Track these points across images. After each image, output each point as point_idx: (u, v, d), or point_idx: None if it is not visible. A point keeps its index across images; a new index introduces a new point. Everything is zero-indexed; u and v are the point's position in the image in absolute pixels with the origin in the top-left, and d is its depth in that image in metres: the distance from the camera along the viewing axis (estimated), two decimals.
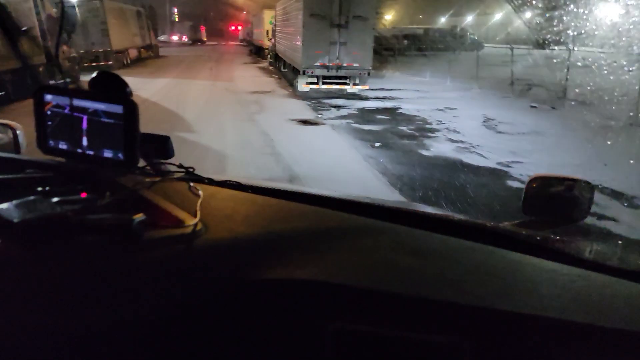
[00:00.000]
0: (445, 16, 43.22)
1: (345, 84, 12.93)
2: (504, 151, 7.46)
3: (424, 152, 7.48)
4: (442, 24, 42.91)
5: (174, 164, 1.08)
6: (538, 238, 1.02)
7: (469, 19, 40.05)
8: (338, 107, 11.38)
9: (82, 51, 20.01)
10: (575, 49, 13.67)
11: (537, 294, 0.74)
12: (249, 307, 0.70)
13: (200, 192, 0.92)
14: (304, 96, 13.12)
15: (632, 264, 0.94)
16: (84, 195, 0.81)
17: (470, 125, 9.41)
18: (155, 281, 0.68)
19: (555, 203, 1.15)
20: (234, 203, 0.99)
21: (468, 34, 34.87)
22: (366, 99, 12.73)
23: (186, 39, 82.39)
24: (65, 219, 0.70)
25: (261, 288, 0.71)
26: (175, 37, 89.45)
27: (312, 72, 12.64)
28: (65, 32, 15.43)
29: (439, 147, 7.79)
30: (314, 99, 12.37)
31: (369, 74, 12.81)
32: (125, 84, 0.95)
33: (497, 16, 36.26)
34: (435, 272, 0.80)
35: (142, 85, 14.63)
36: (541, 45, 17.43)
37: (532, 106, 11.61)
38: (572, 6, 12.17)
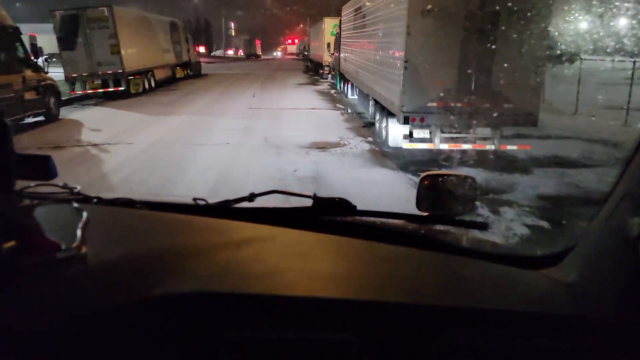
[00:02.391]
0: None
1: (488, 140, 6.76)
2: None
3: None
4: None
5: (57, 185, 1.00)
6: (422, 232, 1.12)
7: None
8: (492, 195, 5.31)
9: (84, 74, 15.10)
10: None
11: (419, 283, 0.81)
12: (137, 327, 0.67)
13: (84, 213, 0.85)
14: (400, 158, 7.17)
15: (501, 248, 1.19)
16: None
17: None
18: (30, 311, 0.64)
19: (444, 198, 1.19)
20: (122, 221, 0.97)
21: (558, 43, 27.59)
22: (532, 173, 6.53)
23: (241, 54, 79.44)
24: None
25: (148, 306, 0.68)
26: (230, 52, 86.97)
27: (421, 121, 6.59)
28: (25, 53, 10.42)
29: None
30: (422, 166, 6.44)
31: (534, 122, 6.56)
32: None
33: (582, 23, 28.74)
34: (326, 272, 0.82)
35: (129, 133, 9.16)
36: None
37: None
38: None
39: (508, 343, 0.72)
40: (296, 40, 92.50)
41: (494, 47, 6.33)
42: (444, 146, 6.75)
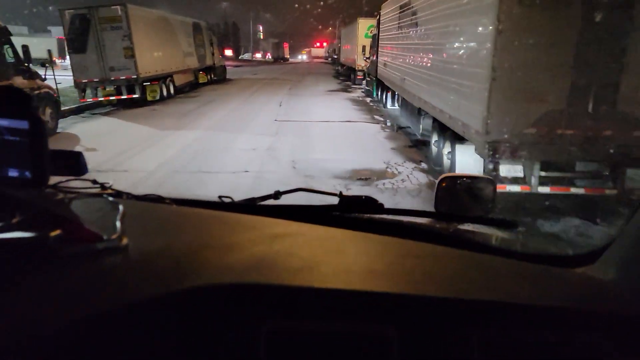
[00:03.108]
0: None
1: (611, 180, 4.79)
2: None
3: None
4: None
5: (88, 180, 1.04)
6: (451, 230, 1.16)
7: None
8: None
9: (95, 79, 13.67)
10: None
11: (453, 279, 0.79)
12: (178, 316, 0.70)
13: (120, 207, 0.88)
14: None
15: (531, 247, 1.12)
16: None
17: None
18: (76, 296, 0.67)
19: (463, 200, 1.20)
20: (154, 216, 1.00)
21: None
22: None
23: (269, 57, 78.33)
24: None
25: (188, 296, 0.70)
26: (258, 55, 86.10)
27: (514, 154, 4.65)
28: (16, 57, 8.94)
29: None
30: (513, 216, 4.57)
31: None
32: (29, 99, 0.84)
33: None
34: (360, 266, 0.82)
35: (127, 155, 7.51)
36: None
37: None
38: None
39: (545, 338, 0.71)
40: (324, 44, 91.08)
41: (625, 49, 4.36)
42: (544, 189, 4.80)
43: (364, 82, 18.59)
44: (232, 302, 0.71)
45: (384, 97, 13.74)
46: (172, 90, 16.89)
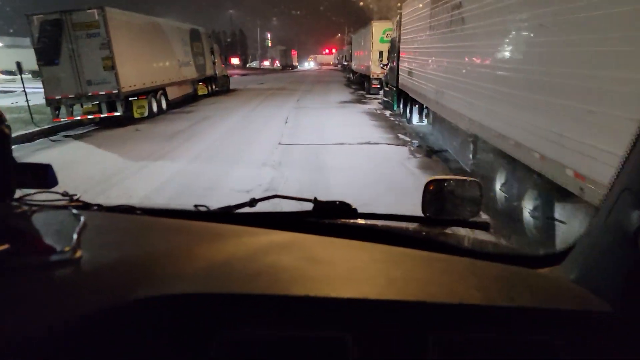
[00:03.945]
0: None
1: None
2: None
3: None
4: None
5: (57, 192, 1.03)
6: (423, 233, 1.13)
7: None
8: None
9: (70, 95, 11.74)
10: None
11: (419, 283, 0.80)
12: (127, 328, 0.68)
13: (82, 218, 0.87)
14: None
15: (502, 248, 1.18)
16: None
17: None
18: (19, 308, 0.65)
19: (450, 203, 1.19)
20: (120, 227, 0.98)
21: None
22: None
23: (278, 65, 76.62)
24: None
25: (138, 308, 0.69)
26: (266, 63, 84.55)
27: None
28: None
29: None
30: None
31: None
32: None
33: None
34: (322, 272, 0.80)
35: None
36: None
37: None
38: None
39: (510, 338, 0.72)
40: (333, 50, 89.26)
41: None
42: None
43: (381, 92, 16.48)
44: (187, 311, 0.70)
45: (408, 110, 11.62)
46: (164, 105, 14.94)
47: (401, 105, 12.66)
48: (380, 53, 16.99)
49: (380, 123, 12.01)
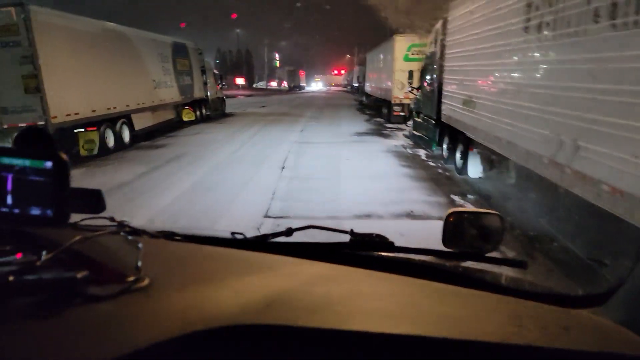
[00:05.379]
0: None
1: None
2: None
3: None
4: None
5: (105, 218, 1.02)
6: (460, 269, 1.11)
7: None
8: None
9: None
10: None
11: (458, 319, 0.77)
12: (200, 357, 0.69)
13: (140, 245, 0.86)
14: None
15: (540, 287, 1.03)
16: (19, 255, 0.78)
17: None
18: (102, 337, 0.66)
19: (470, 235, 1.19)
20: (169, 254, 1.00)
21: None
22: None
23: (285, 85, 73.67)
24: (4, 281, 0.67)
25: (209, 337, 0.69)
26: (274, 83, 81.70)
27: None
28: None
29: None
30: None
31: None
32: (52, 140, 0.66)
33: None
34: (373, 307, 0.80)
35: None
36: None
37: None
38: None
39: None
40: (342, 71, 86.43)
41: None
42: None
43: (409, 123, 12.86)
44: (245, 344, 0.71)
45: (459, 155, 8.05)
46: (126, 138, 11.46)
47: (445, 146, 9.07)
48: (410, 73, 13.50)
49: (418, 173, 8.38)
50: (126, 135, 11.47)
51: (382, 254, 1.11)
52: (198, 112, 17.60)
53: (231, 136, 13.27)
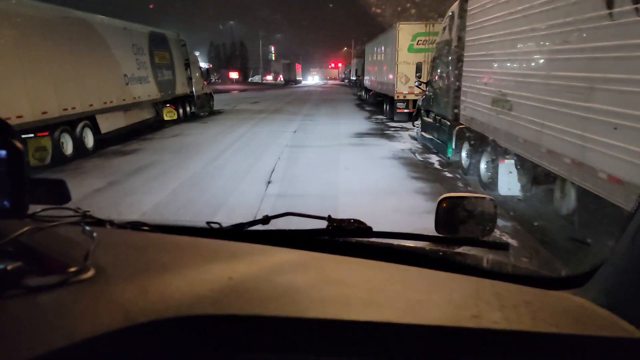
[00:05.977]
0: None
1: None
2: None
3: None
4: None
5: (70, 208, 0.98)
6: (440, 253, 1.06)
7: None
8: None
9: None
10: None
11: (437, 305, 0.76)
12: (141, 351, 0.66)
13: (95, 235, 0.85)
14: None
15: (522, 269, 1.00)
16: None
17: None
18: (33, 329, 0.63)
19: (463, 221, 1.17)
20: (132, 244, 0.97)
21: None
22: None
23: (281, 79, 71.75)
24: None
25: (153, 329, 0.66)
26: (269, 77, 79.71)
27: None
28: None
29: None
30: None
31: None
32: (8, 127, 0.82)
33: None
34: (339, 294, 0.78)
35: None
36: None
37: None
38: None
39: None
40: (339, 64, 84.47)
41: None
42: None
43: (417, 123, 11.30)
44: (202, 335, 0.67)
45: (484, 166, 6.53)
46: (88, 143, 9.88)
47: (464, 153, 7.53)
48: (419, 66, 11.92)
49: (433, 188, 6.84)
50: (89, 140, 9.90)
51: (361, 239, 1.07)
52: (181, 110, 16.02)
53: (214, 139, 11.68)
